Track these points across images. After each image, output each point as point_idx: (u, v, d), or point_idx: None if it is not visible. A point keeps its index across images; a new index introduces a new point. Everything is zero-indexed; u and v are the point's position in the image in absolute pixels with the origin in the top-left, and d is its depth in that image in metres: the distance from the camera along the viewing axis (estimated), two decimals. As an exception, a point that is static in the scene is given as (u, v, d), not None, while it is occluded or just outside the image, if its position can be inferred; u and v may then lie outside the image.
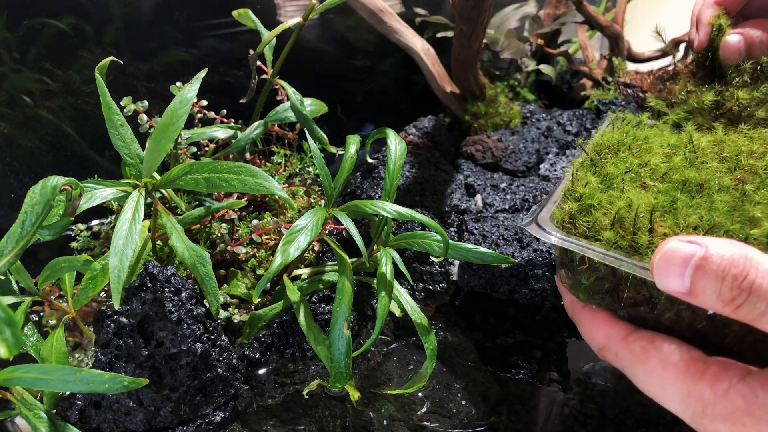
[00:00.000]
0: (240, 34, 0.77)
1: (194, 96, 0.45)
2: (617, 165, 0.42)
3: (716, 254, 0.30)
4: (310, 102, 0.65)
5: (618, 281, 0.37)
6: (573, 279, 0.40)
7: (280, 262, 0.42)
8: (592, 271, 0.38)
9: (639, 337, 0.36)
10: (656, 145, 0.44)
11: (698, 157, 0.42)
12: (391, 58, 0.93)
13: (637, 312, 0.37)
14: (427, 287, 0.60)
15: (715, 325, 0.35)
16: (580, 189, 0.40)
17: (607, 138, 0.46)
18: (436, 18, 0.90)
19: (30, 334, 0.47)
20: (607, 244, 0.36)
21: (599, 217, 0.37)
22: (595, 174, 0.42)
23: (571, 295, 0.41)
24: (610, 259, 0.35)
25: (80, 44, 0.66)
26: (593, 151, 0.45)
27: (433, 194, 0.67)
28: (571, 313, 0.42)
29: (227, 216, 0.58)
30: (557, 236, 0.38)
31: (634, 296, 0.37)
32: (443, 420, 0.48)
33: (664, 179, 0.40)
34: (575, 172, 0.43)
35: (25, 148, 0.66)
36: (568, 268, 0.41)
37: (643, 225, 0.35)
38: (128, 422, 0.44)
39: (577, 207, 0.39)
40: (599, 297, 0.39)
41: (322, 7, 0.56)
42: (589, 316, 0.40)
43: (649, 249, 0.34)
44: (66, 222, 0.40)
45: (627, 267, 0.34)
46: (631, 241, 0.35)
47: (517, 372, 0.53)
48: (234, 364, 0.49)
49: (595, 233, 0.37)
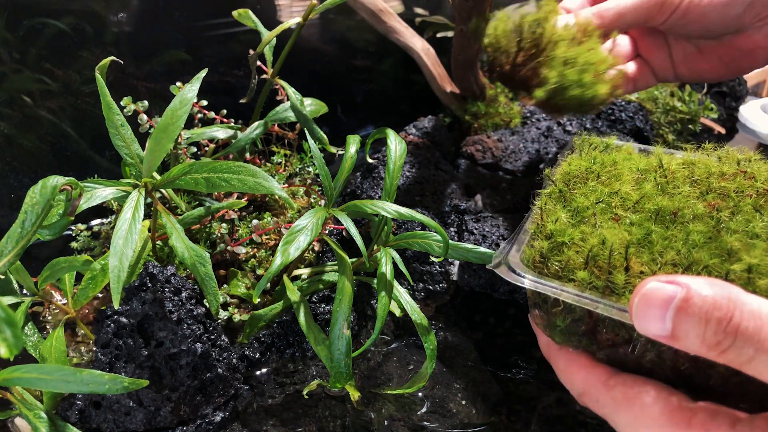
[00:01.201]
0: (240, 34, 0.77)
1: (194, 96, 0.45)
2: (587, 196, 0.40)
3: (698, 295, 0.28)
4: (310, 102, 0.65)
5: (595, 323, 0.35)
6: (547, 320, 0.38)
7: (280, 262, 0.42)
8: (567, 312, 0.36)
9: (620, 381, 0.34)
10: (626, 171, 0.43)
11: (669, 182, 0.41)
12: (391, 58, 0.93)
13: (616, 354, 0.36)
14: (427, 287, 0.60)
15: (699, 366, 0.33)
16: (551, 225, 0.38)
17: (575, 166, 0.44)
18: (436, 18, 0.90)
19: (30, 334, 0.47)
20: (582, 285, 0.34)
21: (572, 256, 0.35)
22: (564, 207, 0.40)
23: (545, 336, 0.39)
24: (585, 302, 0.33)
25: (80, 44, 0.66)
26: (561, 182, 0.43)
27: (433, 194, 0.67)
28: (547, 356, 0.40)
29: (227, 216, 0.58)
30: (529, 279, 0.36)
31: (612, 338, 0.35)
32: (443, 420, 0.48)
33: (636, 209, 0.38)
34: (543, 205, 0.41)
35: (25, 148, 0.66)
36: (541, 308, 0.38)
37: (618, 262, 0.34)
38: (128, 422, 0.44)
39: (548, 245, 0.37)
40: (576, 339, 0.37)
41: (322, 7, 0.56)
42: (567, 359, 0.38)
43: (626, 289, 0.33)
44: (66, 222, 0.40)
45: (603, 309, 0.33)
46: (607, 281, 0.33)
47: (517, 372, 0.53)
48: (234, 364, 0.49)
49: (568, 273, 0.35)
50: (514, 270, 0.37)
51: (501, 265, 0.38)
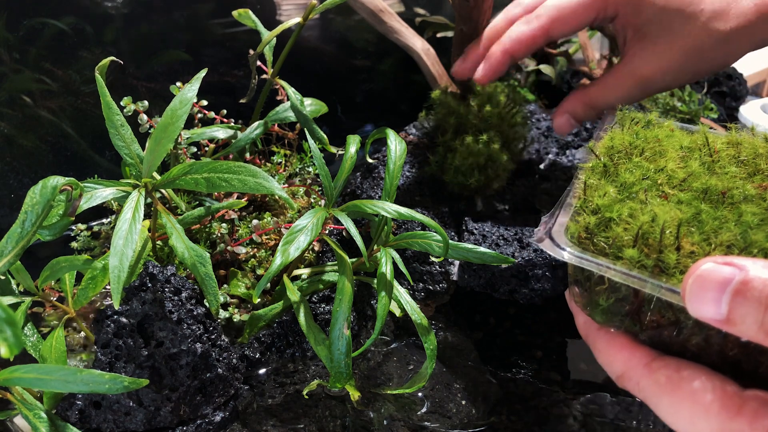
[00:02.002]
0: (240, 34, 0.77)
1: (194, 96, 0.45)
2: (632, 171, 0.39)
3: (757, 278, 0.26)
4: (310, 102, 0.65)
5: (640, 303, 0.34)
6: (588, 299, 0.37)
7: (280, 262, 0.42)
8: (611, 291, 0.35)
9: (664, 365, 0.33)
10: (670, 148, 0.42)
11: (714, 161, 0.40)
12: (391, 58, 0.93)
13: (660, 336, 0.34)
14: (427, 287, 0.60)
15: (749, 352, 0.32)
16: (597, 200, 0.36)
17: (618, 140, 0.43)
18: (436, 18, 0.90)
19: (30, 334, 0.47)
20: (630, 263, 0.32)
21: (620, 233, 0.34)
22: (610, 182, 0.39)
23: (584, 315, 0.38)
24: (634, 281, 0.32)
25: (80, 44, 0.66)
26: (605, 156, 0.42)
27: (432, 194, 0.67)
28: (585, 335, 0.39)
29: (227, 216, 0.58)
30: (576, 254, 0.34)
31: (657, 319, 0.34)
32: (443, 420, 0.48)
33: (683, 187, 0.37)
34: (587, 179, 0.40)
35: (25, 148, 0.66)
36: (582, 286, 0.37)
37: (668, 241, 0.32)
38: (128, 422, 0.44)
39: (595, 220, 0.35)
40: (618, 319, 0.36)
41: (322, 7, 0.56)
42: (607, 340, 0.37)
43: (677, 269, 0.31)
44: (66, 222, 0.40)
45: (653, 289, 0.31)
46: (657, 260, 0.32)
47: (517, 372, 0.53)
48: (234, 364, 0.49)
49: (615, 250, 0.33)
50: (558, 244, 0.35)
51: (545, 239, 0.37)
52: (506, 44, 0.58)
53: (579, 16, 0.56)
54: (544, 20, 0.56)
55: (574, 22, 0.56)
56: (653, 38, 0.55)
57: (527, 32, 0.57)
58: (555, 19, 0.56)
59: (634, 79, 0.57)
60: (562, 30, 0.57)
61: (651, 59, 0.56)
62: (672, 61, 0.55)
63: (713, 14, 0.53)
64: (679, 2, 0.54)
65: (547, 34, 0.57)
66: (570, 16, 0.56)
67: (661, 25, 0.55)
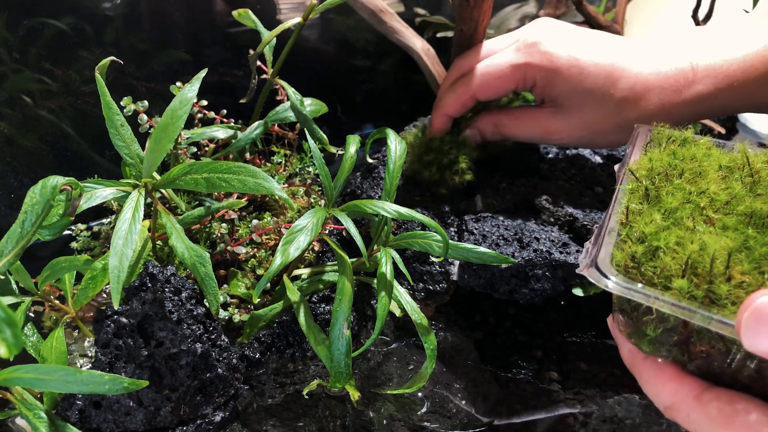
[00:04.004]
0: (240, 34, 0.77)
1: (194, 96, 0.45)
2: (674, 194, 0.38)
3: None
4: (310, 102, 0.65)
5: (689, 333, 0.33)
6: (635, 328, 0.36)
7: (280, 262, 0.42)
8: (659, 321, 0.34)
9: (715, 397, 0.32)
10: (710, 169, 0.41)
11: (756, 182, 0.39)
12: (391, 58, 0.93)
13: (710, 366, 0.33)
14: (427, 287, 0.60)
15: None
16: (643, 227, 0.36)
17: (657, 161, 0.42)
18: (436, 18, 0.90)
19: (30, 334, 0.47)
20: (680, 294, 0.32)
21: (668, 262, 0.33)
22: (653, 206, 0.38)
23: (629, 343, 0.37)
24: (685, 312, 0.31)
25: (80, 44, 0.66)
26: (646, 178, 0.41)
27: (432, 194, 0.67)
28: (630, 365, 0.38)
29: (227, 216, 0.58)
30: (624, 285, 0.33)
31: (707, 350, 0.33)
32: (443, 420, 0.48)
33: (726, 210, 0.36)
34: (629, 203, 0.39)
35: (25, 148, 0.66)
36: (628, 315, 0.36)
37: (717, 270, 0.31)
38: (128, 422, 0.44)
39: (642, 249, 0.35)
40: (666, 349, 0.35)
41: (322, 7, 0.56)
42: (654, 370, 0.36)
43: (728, 300, 0.31)
44: (66, 222, 0.40)
45: (703, 321, 0.30)
46: (707, 290, 0.31)
47: (517, 372, 0.53)
48: (234, 364, 0.49)
49: (664, 280, 0.33)
50: (605, 274, 0.35)
51: (591, 267, 0.36)
52: (445, 109, 0.65)
53: (501, 84, 0.61)
54: (470, 86, 0.62)
55: (499, 90, 0.62)
56: (564, 109, 0.61)
57: (458, 98, 0.63)
58: (479, 85, 0.62)
59: (539, 127, 0.63)
60: (486, 94, 0.63)
61: (558, 121, 0.62)
62: (575, 130, 0.61)
63: (623, 102, 0.57)
64: (590, 84, 0.57)
65: (474, 97, 0.63)
66: (492, 83, 0.61)
67: (571, 101, 0.60)
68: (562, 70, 0.57)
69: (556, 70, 0.58)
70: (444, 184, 0.65)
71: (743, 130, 0.98)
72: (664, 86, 0.56)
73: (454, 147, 0.65)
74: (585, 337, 0.57)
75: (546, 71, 0.58)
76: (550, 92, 0.60)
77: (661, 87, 0.56)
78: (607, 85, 0.57)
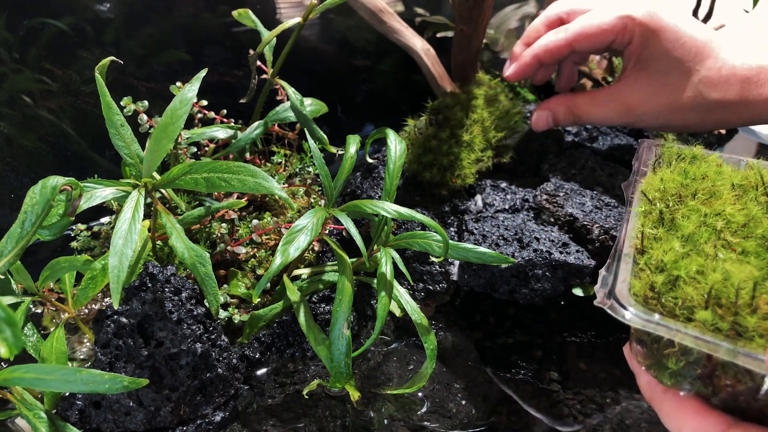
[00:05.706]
0: (240, 34, 0.77)
1: (194, 96, 0.45)
2: (689, 217, 0.37)
3: None
4: (310, 102, 0.65)
5: (714, 367, 0.32)
6: (655, 360, 0.35)
7: (280, 262, 0.42)
8: (682, 354, 0.33)
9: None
10: (723, 189, 0.40)
11: None
12: (391, 58, 0.93)
13: (735, 401, 0.32)
14: (427, 287, 0.60)
15: None
16: (662, 255, 0.34)
17: (669, 182, 0.41)
18: (436, 18, 0.90)
19: (30, 334, 0.47)
20: (704, 326, 0.30)
21: (690, 292, 0.32)
22: (669, 230, 0.37)
23: (648, 375, 0.36)
24: (710, 346, 0.30)
25: (80, 44, 0.66)
26: (660, 201, 0.40)
27: (432, 194, 0.67)
28: (649, 398, 0.37)
29: (227, 216, 0.58)
30: (644, 318, 0.32)
31: (733, 384, 0.32)
32: (443, 420, 0.48)
33: (745, 234, 0.35)
34: (643, 227, 0.38)
35: (25, 148, 0.66)
36: (648, 347, 0.35)
37: (742, 300, 0.30)
38: (128, 422, 0.44)
39: (662, 279, 0.33)
40: (688, 382, 0.34)
41: (322, 7, 0.56)
42: (676, 404, 0.34)
43: (755, 332, 0.30)
44: (66, 222, 0.40)
45: (728, 354, 0.29)
46: (733, 322, 0.30)
47: (517, 372, 0.53)
48: (234, 364, 0.49)
49: (686, 311, 0.32)
50: (625, 307, 0.33)
51: (610, 300, 0.34)
52: (536, 50, 0.64)
53: (601, 35, 0.60)
54: (571, 34, 0.61)
55: (596, 41, 0.61)
56: (649, 74, 0.60)
57: (554, 42, 0.62)
58: (580, 34, 0.61)
59: (618, 103, 0.62)
60: (584, 46, 0.61)
61: (639, 92, 0.61)
62: (655, 104, 0.60)
63: (706, 80, 0.57)
64: (682, 53, 0.57)
65: (571, 46, 0.62)
66: (593, 34, 0.60)
67: (660, 65, 0.59)
68: (662, 32, 0.58)
69: (656, 30, 0.58)
70: (445, 186, 0.65)
71: (743, 130, 0.98)
72: (749, 78, 0.56)
73: (455, 147, 0.65)
74: (585, 337, 0.57)
75: (646, 29, 0.58)
76: (642, 52, 0.60)
77: (746, 77, 0.57)
78: (696, 59, 0.57)
